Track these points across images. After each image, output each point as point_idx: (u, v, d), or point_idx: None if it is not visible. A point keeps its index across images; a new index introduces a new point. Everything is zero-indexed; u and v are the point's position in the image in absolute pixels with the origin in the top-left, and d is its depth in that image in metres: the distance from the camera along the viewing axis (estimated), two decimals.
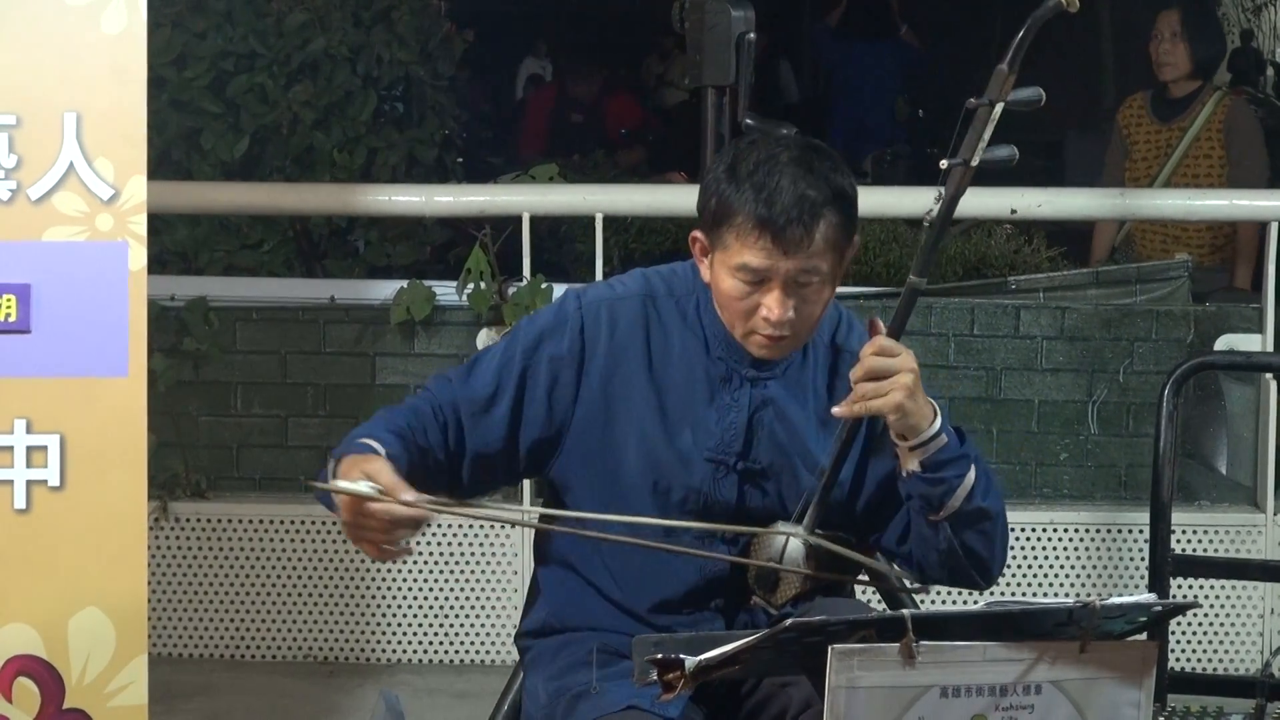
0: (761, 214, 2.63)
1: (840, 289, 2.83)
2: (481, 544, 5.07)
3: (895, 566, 2.87)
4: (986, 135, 2.69)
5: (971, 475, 2.67)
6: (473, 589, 5.09)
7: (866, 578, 2.86)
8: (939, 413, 2.65)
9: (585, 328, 2.80)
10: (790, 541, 2.74)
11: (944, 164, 2.72)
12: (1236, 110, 6.19)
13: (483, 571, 5.08)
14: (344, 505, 2.56)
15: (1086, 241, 6.45)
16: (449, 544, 5.06)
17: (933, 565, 2.76)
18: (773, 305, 2.66)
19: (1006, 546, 2.78)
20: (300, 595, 5.10)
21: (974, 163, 2.70)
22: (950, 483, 2.65)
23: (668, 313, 2.82)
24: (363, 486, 2.53)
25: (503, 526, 5.00)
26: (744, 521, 2.78)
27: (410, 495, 2.54)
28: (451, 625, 5.10)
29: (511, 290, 5.02)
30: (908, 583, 3.02)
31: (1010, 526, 5.07)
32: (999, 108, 2.68)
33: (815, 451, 2.78)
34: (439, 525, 5.03)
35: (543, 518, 2.84)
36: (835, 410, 2.65)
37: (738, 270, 2.67)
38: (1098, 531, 5.06)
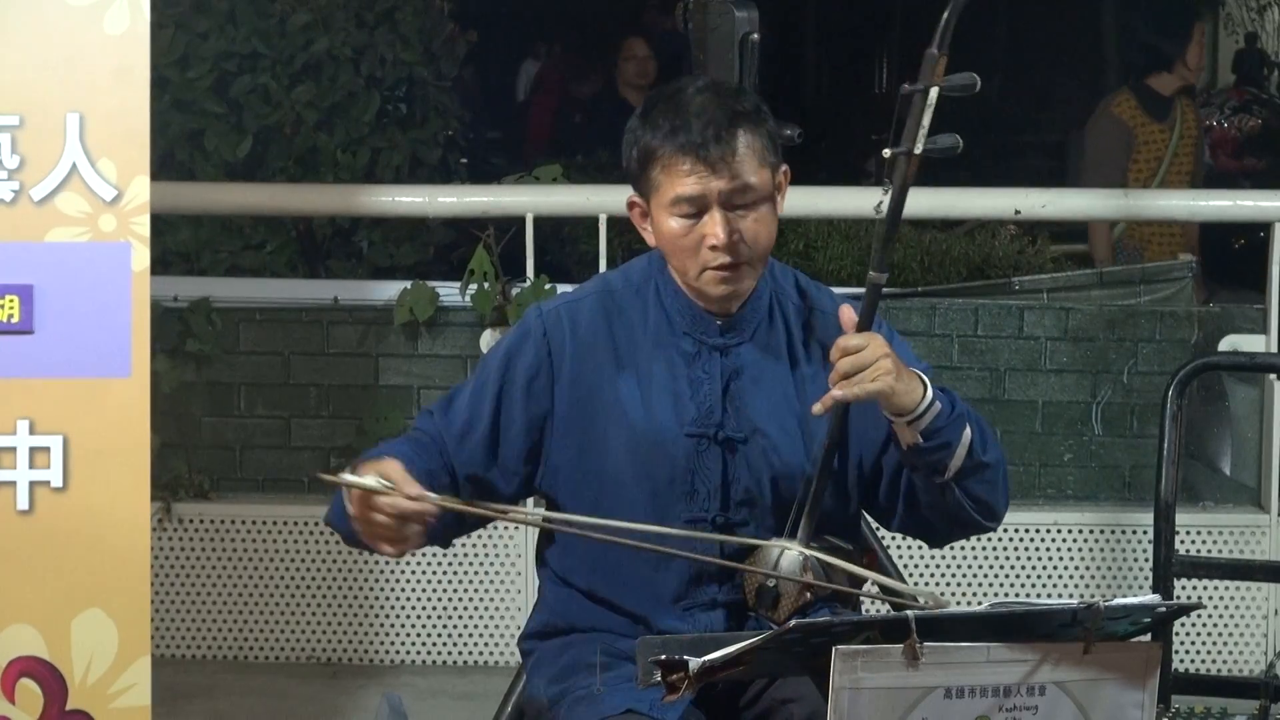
0: (680, 141, 2.70)
1: (843, 290, 2.84)
2: (485, 546, 5.06)
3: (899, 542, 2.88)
4: (926, 121, 2.68)
5: (968, 434, 2.69)
6: (476, 590, 5.08)
7: (877, 589, 2.85)
8: (927, 383, 2.66)
9: (549, 334, 2.83)
10: (785, 555, 2.73)
11: (886, 153, 2.72)
12: (1197, 114, 6.44)
13: (486, 573, 5.08)
14: (354, 501, 2.62)
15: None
16: (452, 546, 5.05)
17: (943, 524, 2.79)
18: (714, 228, 2.71)
19: (1008, 485, 2.81)
20: (303, 596, 5.10)
21: (917, 151, 2.69)
22: (951, 446, 2.67)
23: (628, 302, 2.85)
24: (371, 481, 2.58)
25: (506, 528, 5.00)
26: (731, 494, 2.79)
27: (416, 490, 2.60)
28: (455, 627, 5.09)
29: (515, 291, 5.02)
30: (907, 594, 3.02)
31: (1014, 527, 5.11)
32: (934, 93, 2.67)
33: (795, 414, 2.79)
34: None
35: (546, 519, 2.85)
36: (814, 408, 2.66)
37: (674, 205, 2.72)
38: (1101, 532, 5.06)
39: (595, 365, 2.81)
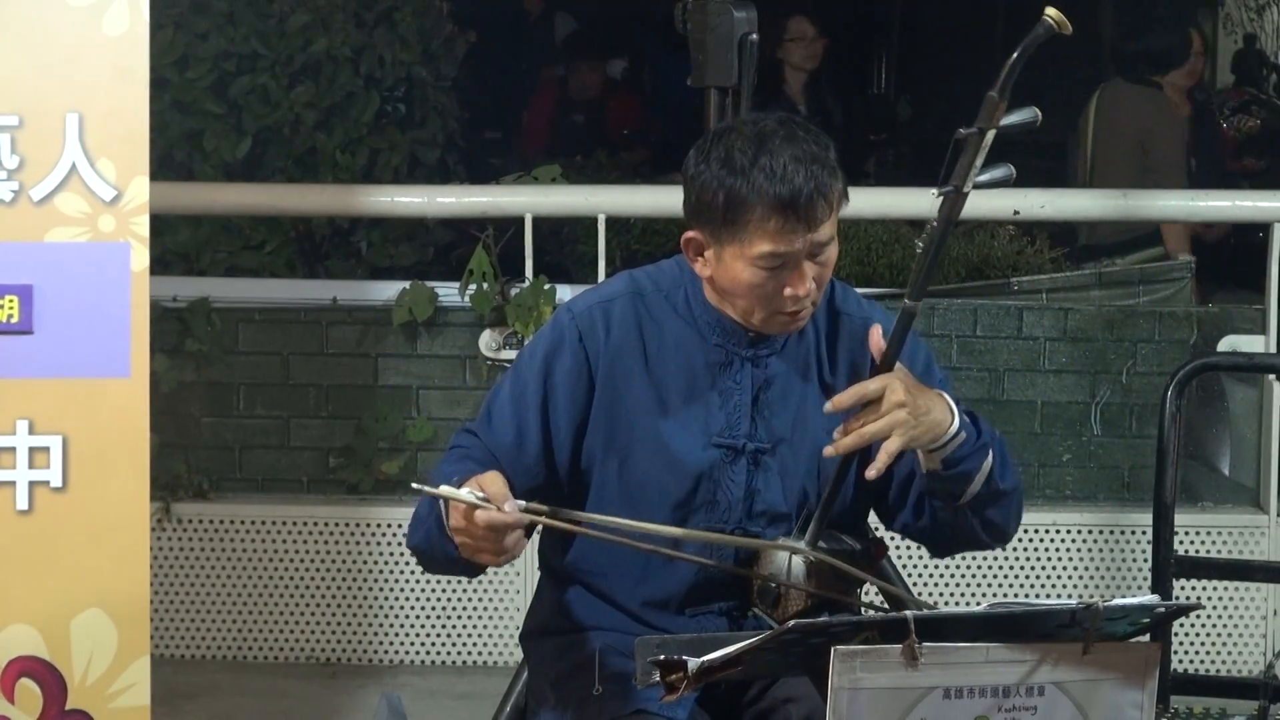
0: (782, 197, 2.62)
1: None
2: None
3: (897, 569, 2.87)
4: (978, 162, 2.66)
5: (989, 461, 2.68)
6: (475, 590, 5.08)
7: (876, 591, 2.84)
8: (954, 412, 2.64)
9: (583, 336, 2.79)
10: (794, 559, 2.72)
11: (935, 193, 2.70)
12: None
13: (485, 573, 5.07)
14: (458, 514, 2.56)
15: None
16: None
17: (948, 541, 2.80)
18: (799, 284, 2.66)
19: (1022, 508, 2.80)
20: (302, 596, 5.10)
21: (966, 189, 2.68)
22: (971, 475, 2.67)
23: (658, 307, 2.82)
24: (465, 493, 2.55)
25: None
26: (755, 506, 2.78)
27: (511, 505, 2.54)
28: (454, 626, 5.09)
29: (514, 291, 5.02)
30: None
31: None
32: (990, 134, 2.66)
33: (821, 425, 2.76)
34: None
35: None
36: (826, 450, 2.63)
37: (760, 259, 2.65)
38: (1100, 533, 5.06)
39: (624, 369, 2.78)
